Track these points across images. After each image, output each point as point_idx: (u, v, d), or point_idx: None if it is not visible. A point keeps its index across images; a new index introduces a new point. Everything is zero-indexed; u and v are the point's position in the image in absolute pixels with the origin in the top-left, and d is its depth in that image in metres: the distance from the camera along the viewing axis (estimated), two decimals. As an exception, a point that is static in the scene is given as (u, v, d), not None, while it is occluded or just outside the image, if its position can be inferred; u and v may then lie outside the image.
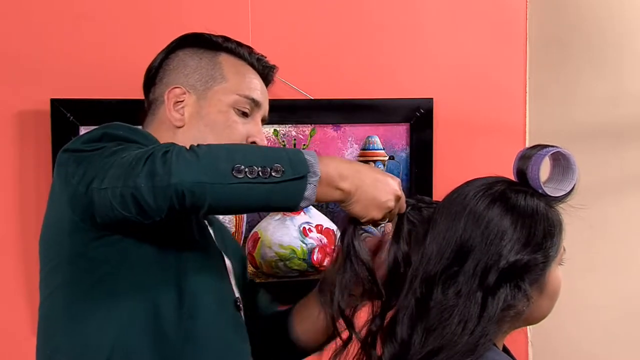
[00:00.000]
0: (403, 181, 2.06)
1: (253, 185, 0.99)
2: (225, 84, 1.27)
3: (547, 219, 1.08)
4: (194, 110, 1.26)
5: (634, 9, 2.06)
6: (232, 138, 1.24)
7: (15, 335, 1.86)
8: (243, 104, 1.27)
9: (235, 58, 1.31)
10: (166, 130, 1.26)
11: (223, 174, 0.99)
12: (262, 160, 1.00)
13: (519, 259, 1.05)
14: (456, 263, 1.07)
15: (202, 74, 1.27)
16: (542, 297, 1.09)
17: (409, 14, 2.11)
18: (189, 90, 1.26)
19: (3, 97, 1.83)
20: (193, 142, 1.21)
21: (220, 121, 1.25)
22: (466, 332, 1.03)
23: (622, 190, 2.10)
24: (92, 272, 1.11)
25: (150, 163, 0.98)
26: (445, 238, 1.08)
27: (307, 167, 1.02)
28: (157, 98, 1.29)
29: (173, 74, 1.28)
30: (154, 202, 0.98)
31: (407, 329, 1.08)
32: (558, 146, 1.11)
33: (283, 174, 1.00)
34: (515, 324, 1.10)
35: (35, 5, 1.84)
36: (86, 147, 1.10)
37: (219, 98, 1.26)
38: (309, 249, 1.99)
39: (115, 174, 1.01)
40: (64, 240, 1.12)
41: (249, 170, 0.99)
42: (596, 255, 2.11)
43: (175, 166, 0.97)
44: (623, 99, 2.07)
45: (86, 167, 1.07)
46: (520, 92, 2.18)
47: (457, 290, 1.05)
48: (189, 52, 1.30)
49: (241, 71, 1.30)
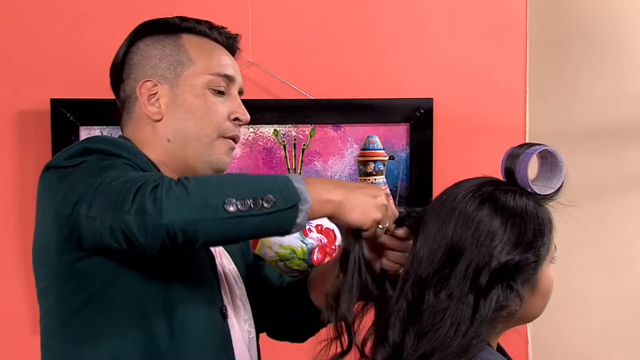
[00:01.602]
0: (403, 181, 2.06)
1: (245, 218, 0.98)
2: (195, 66, 1.23)
3: (537, 217, 1.08)
4: (170, 100, 1.22)
5: (634, 9, 2.06)
6: (214, 120, 1.22)
7: (15, 335, 1.87)
8: (217, 82, 1.23)
9: (197, 37, 1.27)
10: (145, 126, 1.23)
11: (215, 210, 0.97)
12: (253, 192, 0.99)
13: (510, 259, 1.04)
14: (447, 265, 1.06)
15: (169, 61, 1.23)
16: (535, 296, 1.09)
17: (409, 14, 2.11)
18: (160, 81, 1.22)
19: (3, 97, 1.83)
20: (175, 132, 1.21)
21: (198, 105, 1.22)
22: (459, 334, 1.03)
23: (621, 190, 2.10)
24: (80, 293, 1.10)
25: (139, 199, 0.97)
26: (436, 241, 1.08)
27: (297, 195, 1.01)
28: (129, 95, 1.25)
29: (139, 68, 1.24)
30: (145, 241, 0.97)
31: (399, 333, 1.08)
32: (545, 144, 1.11)
33: (274, 204, 0.99)
34: (509, 323, 1.10)
35: (35, 5, 1.85)
36: (68, 163, 1.09)
37: (192, 82, 1.22)
38: (309, 249, 1.99)
39: (103, 203, 1.00)
40: (52, 259, 1.12)
41: (241, 203, 0.98)
42: (595, 255, 2.11)
43: (166, 205, 0.96)
44: (623, 99, 2.07)
45: (70, 185, 1.06)
46: (520, 92, 2.18)
47: (449, 293, 1.05)
48: (149, 41, 1.25)
49: (207, 49, 1.26)
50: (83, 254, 1.08)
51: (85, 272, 1.10)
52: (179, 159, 1.22)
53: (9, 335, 1.87)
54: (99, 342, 1.11)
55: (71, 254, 1.09)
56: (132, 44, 1.26)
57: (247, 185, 1.01)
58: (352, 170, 2.04)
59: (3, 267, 1.87)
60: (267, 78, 1.97)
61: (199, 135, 1.22)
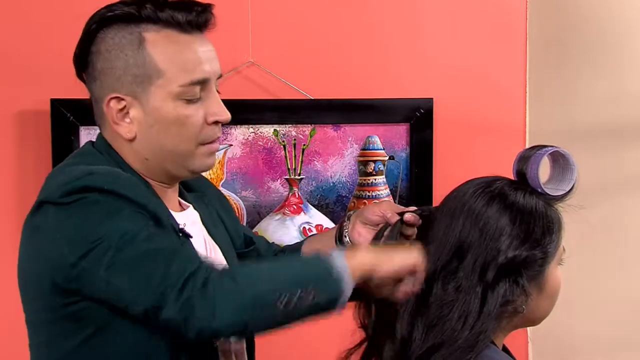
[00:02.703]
0: (403, 181, 2.06)
1: (292, 311, 0.98)
2: (163, 78, 1.11)
3: (546, 216, 1.09)
4: (141, 117, 1.13)
5: (634, 9, 2.06)
6: (191, 134, 1.14)
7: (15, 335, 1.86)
8: (189, 92, 1.12)
9: (160, 31, 1.12)
10: (122, 144, 1.16)
11: (265, 308, 0.97)
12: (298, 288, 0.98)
13: (517, 255, 1.05)
14: (456, 259, 1.07)
15: (135, 74, 1.11)
16: (542, 296, 1.10)
17: (409, 14, 2.11)
18: (127, 95, 1.12)
19: (3, 97, 1.83)
20: (152, 151, 1.14)
21: (171, 120, 1.12)
22: (466, 327, 1.03)
23: (621, 190, 2.10)
24: (73, 336, 1.07)
25: (187, 294, 0.94)
26: (445, 235, 1.09)
27: (341, 289, 1.00)
28: (98, 100, 1.16)
29: (104, 77, 1.13)
30: (186, 334, 0.97)
31: (407, 326, 1.09)
32: (556, 146, 1.12)
33: (318, 297, 0.99)
34: (514, 321, 1.11)
35: (35, 5, 1.84)
36: (64, 200, 1.03)
37: (162, 96, 1.11)
38: (309, 249, 1.99)
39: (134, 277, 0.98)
40: (44, 296, 1.08)
41: (287, 301, 0.97)
42: (596, 255, 2.10)
43: (219, 307, 0.95)
44: (623, 99, 2.07)
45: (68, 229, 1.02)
46: (520, 92, 2.18)
47: (457, 286, 1.06)
48: (110, 45, 1.12)
49: (174, 51, 1.12)
50: (78, 298, 1.05)
51: (79, 315, 1.06)
52: (160, 172, 1.18)
53: (9, 334, 1.86)
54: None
55: (65, 296, 1.05)
56: (92, 41, 1.15)
57: (293, 280, 1.00)
58: (352, 170, 2.04)
59: (3, 267, 1.87)
60: (267, 78, 1.97)
61: (176, 150, 1.15)
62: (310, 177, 2.01)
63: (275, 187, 1.99)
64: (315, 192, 2.01)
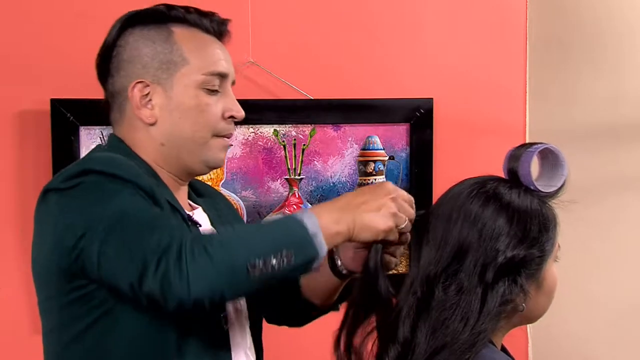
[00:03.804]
0: (403, 181, 2.06)
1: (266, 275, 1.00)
2: (188, 65, 1.19)
3: (542, 214, 1.10)
4: (163, 102, 1.19)
5: (634, 9, 2.06)
6: (208, 122, 1.20)
7: (15, 335, 1.87)
8: (211, 82, 1.20)
9: (187, 28, 1.21)
10: (139, 130, 1.20)
11: (239, 274, 0.99)
12: (272, 250, 1.00)
13: (516, 254, 1.06)
14: (456, 262, 1.08)
15: (161, 60, 1.19)
16: (540, 294, 1.11)
17: (409, 14, 2.11)
18: (152, 82, 1.18)
19: (3, 97, 1.83)
20: (169, 135, 1.19)
21: (192, 107, 1.19)
22: (467, 328, 1.04)
23: (621, 190, 2.10)
24: (84, 317, 1.10)
25: (163, 267, 0.97)
26: (444, 239, 1.09)
27: (315, 247, 1.02)
28: (118, 92, 1.21)
29: (130, 66, 1.19)
30: (168, 306, 0.99)
31: (410, 330, 1.09)
32: (545, 142, 1.12)
33: (295, 259, 1.01)
34: (513, 320, 1.11)
35: (35, 5, 1.85)
36: (66, 184, 1.07)
37: (185, 83, 1.19)
38: (309, 249, 1.99)
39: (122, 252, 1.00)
40: (53, 283, 1.11)
41: (264, 263, 0.99)
42: (596, 255, 2.11)
43: (193, 277, 0.97)
44: (623, 99, 2.07)
45: (71, 214, 1.06)
46: (520, 92, 2.18)
47: (459, 288, 1.06)
48: (138, 36, 1.20)
49: (200, 45, 1.21)
50: (84, 281, 1.08)
51: (87, 298, 1.09)
52: (174, 161, 1.21)
53: (9, 335, 1.87)
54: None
55: (73, 280, 1.08)
56: (119, 37, 1.21)
57: (267, 243, 1.02)
58: (352, 170, 2.04)
59: (3, 266, 1.87)
60: (267, 78, 1.97)
61: (193, 137, 1.20)
62: (310, 177, 2.02)
63: (275, 187, 1.99)
64: (315, 192, 2.01)
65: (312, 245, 1.02)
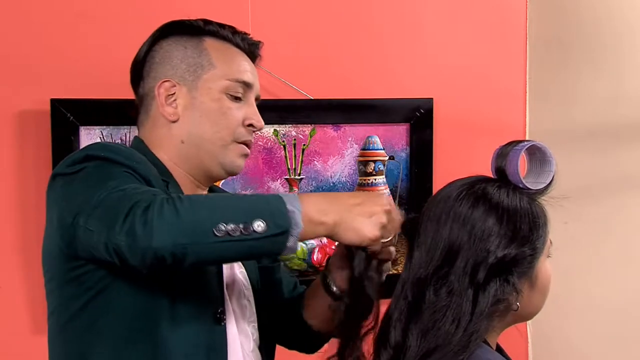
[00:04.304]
0: (403, 181, 2.06)
1: (234, 242, 0.98)
2: (214, 70, 1.25)
3: (531, 212, 1.09)
4: (187, 102, 1.24)
5: (634, 9, 2.06)
6: (229, 125, 1.24)
7: (15, 336, 1.87)
8: (235, 88, 1.25)
9: (219, 41, 1.28)
10: (161, 127, 1.25)
11: (204, 234, 0.98)
12: (244, 216, 0.99)
13: (507, 254, 1.06)
14: (446, 264, 1.07)
15: (190, 63, 1.25)
16: (534, 292, 1.10)
17: (409, 14, 2.11)
18: (179, 82, 1.24)
19: (3, 97, 1.83)
20: (189, 134, 1.23)
21: (214, 109, 1.24)
22: (459, 330, 1.04)
23: (621, 190, 2.10)
24: (77, 299, 1.12)
25: (130, 220, 0.98)
26: (434, 241, 1.09)
27: (288, 220, 1.00)
28: (147, 93, 1.27)
29: (160, 67, 1.26)
30: (135, 262, 0.99)
31: (401, 333, 1.09)
32: (532, 140, 1.13)
33: (265, 229, 0.99)
34: (506, 319, 1.11)
35: (35, 5, 1.85)
36: (70, 169, 1.11)
37: (210, 86, 1.24)
38: (309, 249, 2.00)
39: (100, 218, 1.01)
40: (55, 264, 1.15)
41: (231, 228, 0.98)
42: (596, 255, 2.11)
43: (156, 228, 0.97)
44: (623, 99, 2.07)
45: (71, 195, 1.08)
46: (520, 92, 2.18)
47: (449, 290, 1.06)
48: (172, 42, 1.27)
49: (228, 54, 1.27)
50: (81, 262, 1.10)
51: (83, 278, 1.11)
52: (192, 160, 1.24)
53: (9, 335, 1.87)
54: (98, 346, 1.12)
55: (71, 261, 1.11)
56: (155, 43, 1.27)
57: (239, 209, 1.01)
58: (352, 170, 2.04)
59: (3, 266, 1.87)
60: (267, 78, 1.97)
61: (213, 138, 1.23)
62: (310, 177, 2.02)
63: (275, 187, 1.99)
64: (315, 192, 2.01)
65: (285, 218, 1.00)
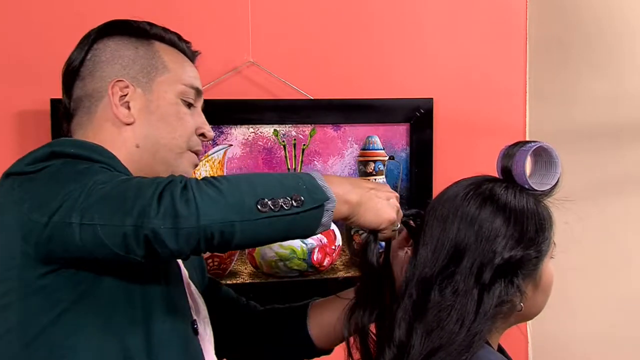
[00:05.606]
0: (403, 181, 2.07)
1: (276, 218, 0.96)
2: (168, 74, 1.20)
3: (538, 214, 1.10)
4: (142, 104, 1.17)
5: (634, 9, 2.06)
6: (185, 131, 1.19)
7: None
8: (188, 94, 1.21)
9: (167, 45, 1.24)
10: (109, 128, 1.17)
11: (250, 210, 0.95)
12: (283, 191, 0.98)
13: (513, 255, 1.06)
14: (452, 264, 1.08)
15: (143, 64, 1.19)
16: (537, 292, 1.11)
17: (408, 13, 2.11)
18: (132, 83, 1.17)
19: (3, 97, 1.83)
20: (145, 139, 1.17)
21: (171, 113, 1.19)
22: (463, 329, 1.04)
23: (621, 190, 2.10)
24: (48, 310, 1.01)
25: (168, 201, 0.92)
26: (440, 240, 1.09)
27: (324, 194, 1.00)
28: (90, 94, 1.18)
29: (108, 66, 1.18)
30: (176, 245, 0.92)
31: (405, 332, 1.09)
32: (539, 141, 1.13)
33: (303, 203, 0.98)
34: (509, 319, 1.11)
35: (35, 5, 1.84)
36: (31, 168, 1.02)
37: (165, 89, 1.19)
38: (309, 249, 1.99)
39: (108, 209, 0.94)
40: (13, 274, 1.02)
41: (272, 203, 0.96)
42: (596, 255, 2.11)
43: (202, 207, 0.92)
44: (623, 99, 2.07)
45: (38, 192, 1.00)
46: (520, 92, 2.18)
47: (455, 289, 1.06)
48: (119, 41, 1.20)
49: (179, 60, 1.23)
50: (52, 267, 1.01)
51: (54, 286, 1.02)
52: (142, 165, 1.17)
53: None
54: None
55: (38, 267, 1.01)
56: (96, 41, 1.21)
57: (277, 184, 0.99)
58: (352, 170, 2.04)
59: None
60: (267, 78, 1.97)
61: (170, 144, 1.18)
62: (310, 177, 2.01)
63: (275, 187, 1.99)
64: (315, 192, 2.01)
65: (321, 191, 1.00)
